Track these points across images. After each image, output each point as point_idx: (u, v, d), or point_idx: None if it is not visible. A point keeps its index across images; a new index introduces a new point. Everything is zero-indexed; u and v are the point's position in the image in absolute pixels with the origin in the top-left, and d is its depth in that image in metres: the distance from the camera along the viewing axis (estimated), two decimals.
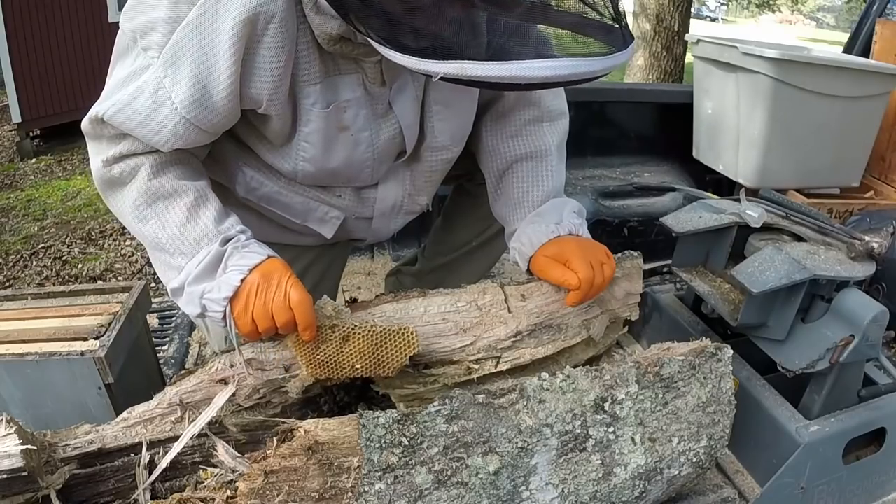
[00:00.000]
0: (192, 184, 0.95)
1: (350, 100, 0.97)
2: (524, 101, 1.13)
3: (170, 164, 0.95)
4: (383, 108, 1.01)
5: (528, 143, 1.12)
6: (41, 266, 2.81)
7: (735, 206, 1.33)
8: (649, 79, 4.99)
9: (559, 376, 0.87)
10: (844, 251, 1.18)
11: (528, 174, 1.11)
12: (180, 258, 0.92)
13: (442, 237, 1.50)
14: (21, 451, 0.79)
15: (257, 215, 1.17)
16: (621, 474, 0.88)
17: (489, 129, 1.16)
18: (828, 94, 1.97)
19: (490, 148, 1.15)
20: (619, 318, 1.08)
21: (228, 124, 0.94)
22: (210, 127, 0.91)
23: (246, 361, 0.92)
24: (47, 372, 1.04)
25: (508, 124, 1.14)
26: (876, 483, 1.19)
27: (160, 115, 0.87)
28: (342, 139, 1.00)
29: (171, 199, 0.93)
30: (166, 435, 0.92)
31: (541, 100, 1.13)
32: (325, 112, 0.96)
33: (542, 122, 1.14)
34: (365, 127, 1.01)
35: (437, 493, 0.78)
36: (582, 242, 1.03)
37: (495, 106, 1.15)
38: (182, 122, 0.88)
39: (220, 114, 0.89)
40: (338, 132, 0.99)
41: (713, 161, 2.28)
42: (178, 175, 0.95)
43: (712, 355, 0.96)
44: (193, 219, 0.93)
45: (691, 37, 2.30)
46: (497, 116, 1.15)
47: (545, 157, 1.12)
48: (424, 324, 0.97)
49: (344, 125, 0.99)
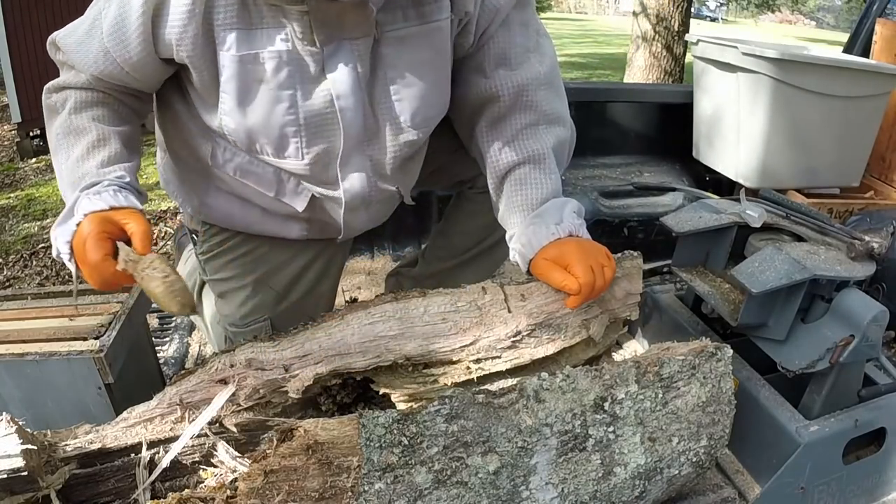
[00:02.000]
0: (104, 127, 1.00)
1: (272, 51, 0.93)
2: (520, 106, 1.11)
3: (93, 104, 1.01)
4: (316, 70, 0.97)
5: (525, 148, 1.11)
6: (41, 266, 2.81)
7: (735, 206, 1.33)
8: (649, 79, 4.99)
9: (559, 376, 0.87)
10: (844, 251, 1.18)
11: (528, 178, 1.10)
12: (69, 193, 0.96)
13: (443, 243, 1.49)
14: (21, 451, 0.79)
15: (239, 202, 1.17)
16: (621, 474, 0.88)
17: (485, 135, 1.14)
18: (828, 94, 1.97)
19: (487, 155, 1.14)
20: (619, 318, 1.08)
21: (148, 71, 0.98)
22: (126, 63, 0.95)
23: (247, 361, 0.93)
24: (47, 372, 1.04)
25: (505, 130, 1.12)
26: (876, 483, 1.19)
27: (91, 42, 0.96)
28: (261, 92, 0.96)
29: (79, 136, 0.98)
30: (166, 435, 0.92)
31: (538, 104, 1.12)
32: (239, 57, 0.93)
33: (538, 126, 1.13)
34: (288, 85, 0.96)
35: (436, 492, 0.78)
36: (582, 245, 1.02)
37: (489, 111, 1.13)
38: (103, 50, 0.95)
39: (133, 50, 0.93)
40: (255, 84, 0.96)
41: (713, 161, 2.28)
42: (94, 116, 1.00)
43: (712, 355, 0.96)
44: (86, 158, 0.97)
45: (691, 37, 2.30)
46: (492, 122, 1.13)
47: (543, 160, 1.10)
48: (424, 324, 0.97)
49: (260, 77, 0.95)
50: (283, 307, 1.28)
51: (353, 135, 1.03)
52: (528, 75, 1.10)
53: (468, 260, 1.43)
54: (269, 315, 1.28)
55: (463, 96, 1.14)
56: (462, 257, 1.44)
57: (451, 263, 1.46)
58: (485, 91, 1.11)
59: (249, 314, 1.28)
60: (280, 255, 1.27)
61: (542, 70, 1.12)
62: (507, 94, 1.10)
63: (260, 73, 0.95)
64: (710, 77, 2.20)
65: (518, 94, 1.11)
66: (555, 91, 1.15)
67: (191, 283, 1.50)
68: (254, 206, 1.18)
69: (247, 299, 1.27)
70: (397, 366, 0.97)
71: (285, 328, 1.00)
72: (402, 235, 2.24)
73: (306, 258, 1.28)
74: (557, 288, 1.00)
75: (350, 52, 0.96)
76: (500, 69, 1.10)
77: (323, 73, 0.97)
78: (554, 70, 1.15)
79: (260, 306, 1.28)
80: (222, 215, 1.22)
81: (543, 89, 1.12)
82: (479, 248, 1.41)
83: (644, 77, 5.01)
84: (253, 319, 1.28)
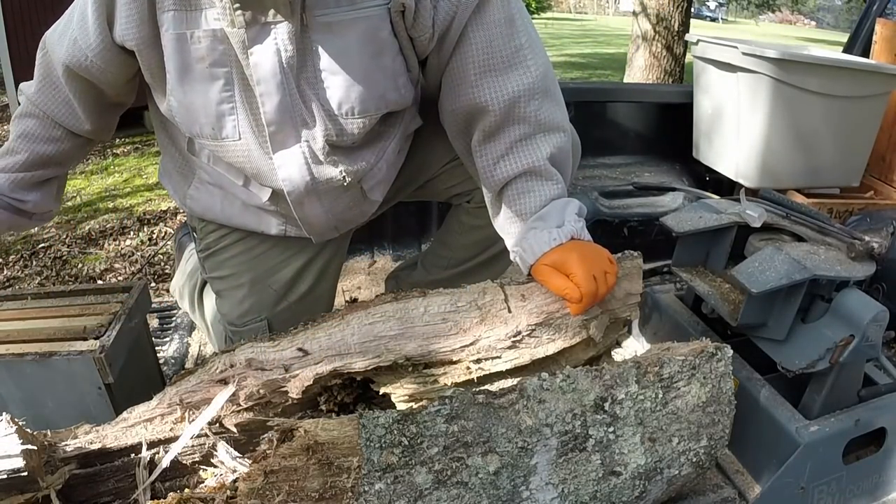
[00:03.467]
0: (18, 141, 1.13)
1: (206, 30, 0.96)
2: (513, 118, 1.06)
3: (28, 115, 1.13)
4: (242, 52, 0.98)
5: (520, 161, 1.06)
6: (41, 266, 2.81)
7: (735, 206, 1.33)
8: (649, 79, 4.98)
9: (559, 376, 0.87)
10: (844, 251, 1.18)
11: (524, 189, 1.07)
12: None
13: (442, 252, 1.47)
14: (21, 451, 0.79)
15: (220, 193, 1.21)
16: (621, 474, 0.88)
17: (479, 149, 1.10)
18: (828, 94, 1.97)
19: (482, 169, 1.10)
20: (619, 318, 1.08)
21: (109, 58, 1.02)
22: (89, 49, 1.01)
23: (247, 361, 0.93)
24: (47, 372, 1.04)
25: (498, 144, 1.08)
26: (876, 483, 1.19)
27: (66, 31, 1.03)
28: (199, 71, 1.00)
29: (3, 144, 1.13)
30: (166, 435, 0.92)
31: (532, 115, 1.06)
32: (176, 35, 0.97)
33: (534, 137, 1.08)
34: (223, 62, 0.99)
35: (436, 492, 0.78)
36: (584, 250, 0.99)
37: (482, 124, 1.08)
38: (72, 39, 1.02)
39: (92, 36, 0.99)
40: (193, 62, 0.99)
41: (713, 161, 2.28)
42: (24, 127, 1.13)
43: (712, 355, 0.96)
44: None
45: (691, 37, 2.30)
46: (485, 137, 1.08)
47: (539, 169, 1.06)
48: (424, 324, 0.97)
49: (197, 55, 0.98)
50: (282, 307, 1.28)
51: (277, 120, 1.03)
52: (520, 85, 1.05)
53: (467, 270, 1.42)
54: (266, 315, 1.28)
55: (453, 107, 1.10)
56: (461, 268, 1.43)
57: (449, 273, 1.44)
58: (473, 101, 1.06)
59: (247, 313, 1.28)
60: (278, 255, 1.27)
61: (534, 75, 1.06)
62: (498, 108, 1.05)
63: (196, 52, 0.98)
64: (710, 77, 2.20)
65: (510, 107, 1.05)
66: (550, 97, 1.09)
67: (192, 282, 1.50)
68: (234, 199, 1.20)
69: (244, 298, 1.27)
70: (397, 366, 0.97)
71: (284, 329, 1.00)
72: (403, 236, 2.24)
73: (304, 258, 1.28)
74: (559, 295, 0.99)
75: (272, 37, 0.96)
76: (487, 76, 1.05)
77: (248, 55, 0.98)
78: (547, 74, 1.09)
79: (258, 306, 1.27)
80: (204, 207, 1.24)
81: (537, 98, 1.06)
82: (478, 259, 1.40)
83: (644, 77, 5.01)
84: (251, 319, 1.28)
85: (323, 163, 1.09)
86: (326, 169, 1.09)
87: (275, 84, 0.99)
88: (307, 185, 1.09)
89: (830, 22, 36.05)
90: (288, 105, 1.02)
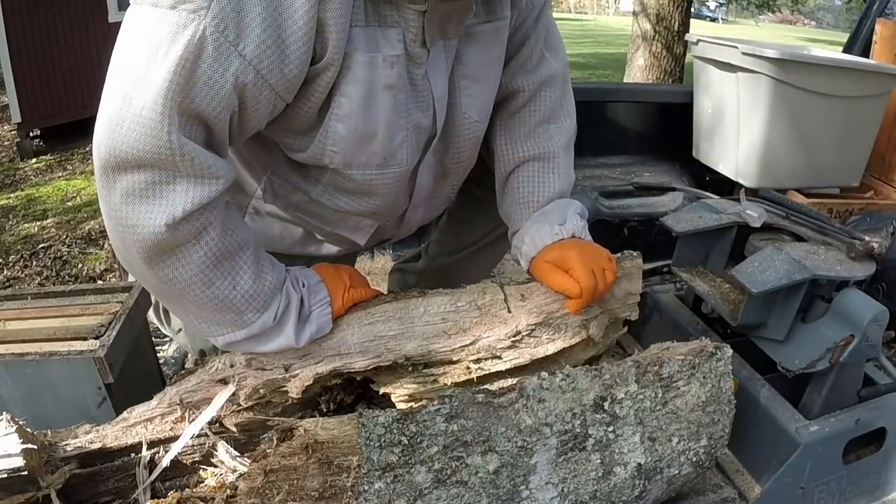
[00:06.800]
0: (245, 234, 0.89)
1: (393, 56, 0.87)
2: (538, 102, 1.12)
3: (230, 218, 0.86)
4: (420, 73, 0.93)
5: (537, 145, 1.11)
6: (41, 266, 2.81)
7: (735, 206, 1.33)
8: (649, 79, 4.99)
9: (559, 376, 0.87)
10: (844, 251, 1.18)
11: (535, 175, 1.10)
12: (251, 314, 0.88)
13: (447, 238, 1.49)
14: (21, 451, 0.79)
15: (280, 223, 1.11)
16: (621, 473, 0.88)
17: (499, 129, 1.14)
18: (828, 94, 1.97)
19: (499, 148, 1.14)
20: (619, 318, 1.08)
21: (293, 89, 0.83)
22: (281, 82, 0.79)
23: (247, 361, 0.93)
24: (47, 372, 1.04)
25: (520, 125, 1.13)
26: (876, 483, 1.19)
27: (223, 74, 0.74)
28: (383, 98, 0.89)
29: (235, 257, 0.86)
30: (166, 435, 0.92)
31: (554, 101, 1.13)
32: (369, 58, 0.84)
33: (552, 124, 1.13)
34: (402, 87, 0.91)
35: (436, 492, 0.78)
36: (584, 248, 1.02)
37: (507, 106, 1.13)
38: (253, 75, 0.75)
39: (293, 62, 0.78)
40: (379, 89, 0.88)
41: (713, 161, 2.28)
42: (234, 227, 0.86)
43: (712, 355, 0.96)
44: (260, 274, 0.88)
45: (691, 37, 2.30)
46: (507, 116, 1.14)
47: (553, 158, 1.11)
48: (424, 324, 0.97)
49: (388, 83, 0.88)
50: None
51: (442, 137, 1.03)
52: (548, 72, 1.12)
53: (472, 253, 1.44)
54: None
55: None
56: (467, 250, 1.44)
57: (454, 257, 1.46)
58: (506, 86, 1.11)
59: None
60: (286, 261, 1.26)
61: (560, 67, 1.14)
62: (528, 90, 1.11)
63: (386, 78, 0.88)
64: (710, 77, 2.20)
65: (537, 90, 1.12)
66: (569, 88, 1.17)
67: None
68: (295, 229, 1.13)
69: None
70: (397, 366, 0.97)
71: None
72: None
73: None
74: (558, 291, 1.00)
75: (444, 53, 0.94)
76: (526, 65, 1.11)
77: (426, 75, 0.94)
78: (567, 67, 1.17)
79: None
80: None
81: (559, 85, 1.14)
82: (482, 241, 1.42)
83: (644, 77, 5.01)
84: None
85: (450, 172, 1.11)
86: (447, 178, 1.13)
87: (444, 102, 0.99)
88: (427, 193, 1.12)
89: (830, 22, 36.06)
90: (452, 120, 1.02)
